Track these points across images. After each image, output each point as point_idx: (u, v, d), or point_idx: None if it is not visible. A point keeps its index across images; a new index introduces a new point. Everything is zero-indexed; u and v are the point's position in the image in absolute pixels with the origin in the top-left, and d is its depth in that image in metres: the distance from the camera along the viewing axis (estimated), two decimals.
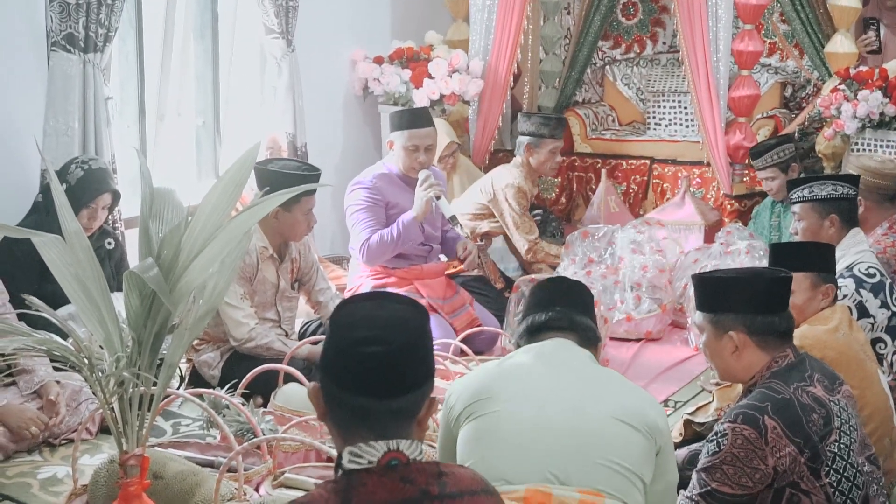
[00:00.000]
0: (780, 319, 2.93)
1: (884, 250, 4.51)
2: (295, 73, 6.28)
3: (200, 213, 2.76)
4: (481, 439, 2.67)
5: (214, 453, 3.51)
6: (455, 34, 7.32)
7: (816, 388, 2.84)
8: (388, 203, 5.14)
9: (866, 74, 6.08)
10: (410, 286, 5.20)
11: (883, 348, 4.08)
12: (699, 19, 6.44)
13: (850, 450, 2.80)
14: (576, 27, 8.01)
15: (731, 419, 2.75)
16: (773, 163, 5.83)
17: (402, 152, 5.12)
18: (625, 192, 7.38)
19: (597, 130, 7.74)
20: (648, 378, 5.00)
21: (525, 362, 2.81)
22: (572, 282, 3.17)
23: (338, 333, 1.91)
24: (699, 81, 6.52)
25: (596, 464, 2.60)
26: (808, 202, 4.25)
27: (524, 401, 2.69)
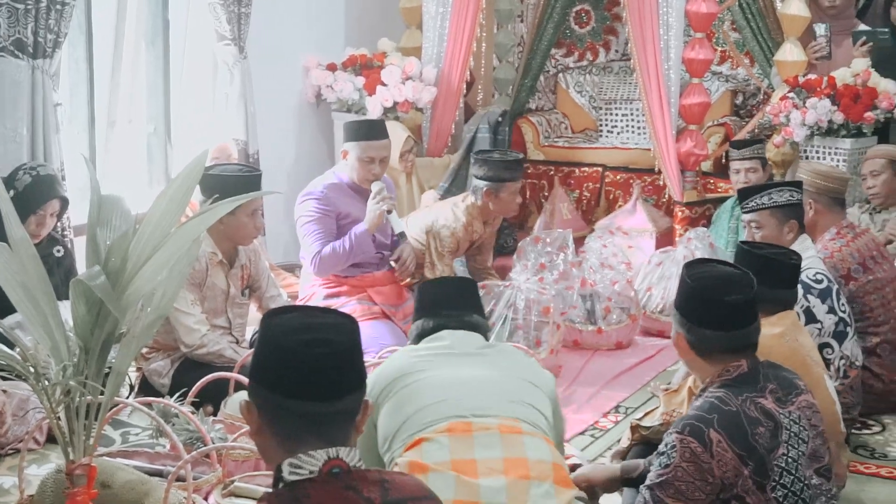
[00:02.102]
0: (728, 337, 2.83)
1: (831, 255, 4.56)
2: (247, 80, 6.26)
3: (149, 220, 2.74)
4: (404, 405, 2.88)
5: (163, 462, 3.48)
6: (408, 41, 7.33)
7: (767, 400, 2.80)
8: (339, 213, 5.12)
9: (815, 82, 6.16)
10: (363, 294, 5.19)
11: (830, 353, 4.12)
12: (650, 28, 6.49)
13: (797, 463, 2.78)
14: (529, 35, 8.05)
15: (679, 430, 2.74)
16: (758, 155, 5.92)
17: (356, 163, 5.10)
18: (577, 200, 7.42)
19: (550, 138, 7.77)
20: (599, 384, 5.02)
21: (433, 346, 3.06)
22: (458, 281, 3.45)
23: (277, 340, 1.90)
24: (650, 89, 6.57)
25: (510, 401, 2.89)
26: (767, 209, 4.27)
27: (439, 368, 2.96)
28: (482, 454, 2.76)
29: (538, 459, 2.79)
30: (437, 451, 2.75)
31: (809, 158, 6.16)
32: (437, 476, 2.69)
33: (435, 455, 2.75)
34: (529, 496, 2.72)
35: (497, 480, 2.72)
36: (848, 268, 4.55)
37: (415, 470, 2.71)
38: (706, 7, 6.46)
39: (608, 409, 4.72)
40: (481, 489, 2.71)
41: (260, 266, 4.78)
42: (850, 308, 4.28)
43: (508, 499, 2.71)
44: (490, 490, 2.70)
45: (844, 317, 4.16)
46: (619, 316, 5.57)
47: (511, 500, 2.71)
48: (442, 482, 2.67)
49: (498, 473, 2.73)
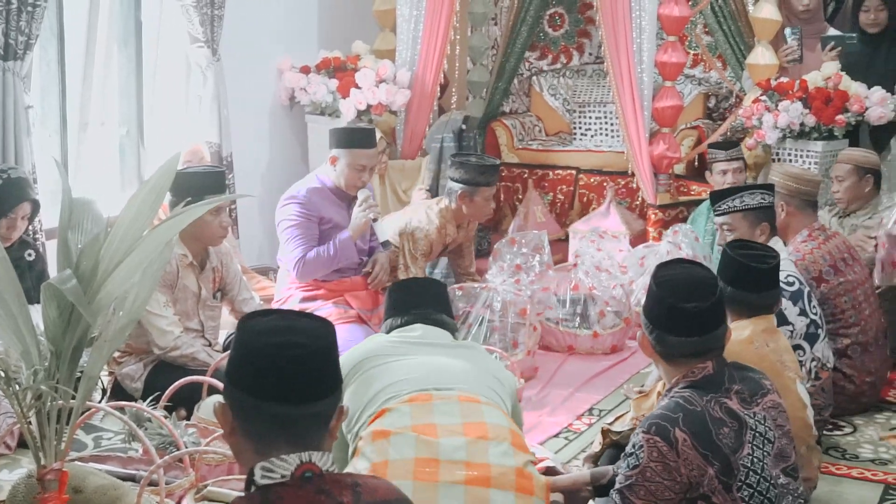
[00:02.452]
0: (691, 342, 2.83)
1: (803, 257, 4.59)
2: (220, 83, 6.24)
3: (120, 223, 2.73)
4: (372, 384, 2.99)
5: (136, 467, 3.47)
6: (382, 44, 7.33)
7: (732, 401, 2.82)
8: (321, 218, 5.11)
9: (787, 85, 6.19)
10: (339, 297, 5.19)
11: (802, 355, 4.15)
12: (623, 31, 6.51)
13: (763, 463, 2.79)
14: (503, 38, 8.06)
15: (645, 429, 2.76)
16: (740, 155, 5.95)
17: (347, 170, 5.09)
18: (551, 202, 7.44)
19: (524, 141, 7.79)
20: (573, 387, 5.04)
21: (405, 335, 3.19)
22: (427, 282, 3.55)
23: (252, 342, 1.91)
24: (623, 92, 6.59)
25: (471, 381, 3.02)
26: (739, 212, 4.31)
27: (407, 354, 3.08)
28: (442, 420, 2.88)
29: (496, 424, 2.91)
30: (398, 419, 2.87)
31: (782, 161, 6.19)
32: (399, 437, 2.81)
33: (397, 422, 2.86)
34: (489, 454, 2.82)
35: (457, 440, 2.83)
36: (819, 270, 4.58)
37: (378, 437, 2.82)
38: (679, 10, 6.49)
39: (582, 412, 4.73)
40: (441, 447, 2.81)
41: (231, 269, 4.77)
42: (821, 310, 4.31)
43: (468, 455, 2.80)
44: (450, 447, 2.81)
45: (816, 319, 4.19)
46: (613, 319, 5.59)
47: (470, 457, 2.80)
48: (403, 442, 2.79)
49: (458, 435, 2.84)
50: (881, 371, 4.80)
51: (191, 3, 6.00)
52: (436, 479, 2.77)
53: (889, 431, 4.24)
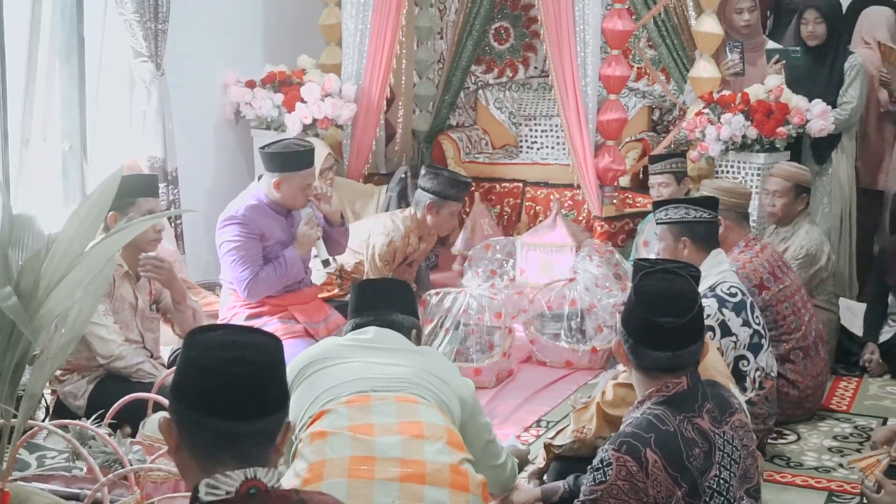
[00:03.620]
0: (668, 357, 2.78)
1: (743, 266, 4.65)
2: (165, 97, 6.19)
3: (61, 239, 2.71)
4: (315, 386, 3.05)
5: (80, 486, 3.43)
6: (328, 58, 7.32)
7: (704, 420, 2.78)
8: (262, 235, 5.08)
9: (729, 98, 6.26)
10: (285, 312, 5.16)
11: (746, 365, 4.21)
12: (567, 45, 6.55)
13: (729, 485, 2.76)
14: (449, 52, 8.09)
15: (616, 447, 2.71)
16: (670, 170, 5.91)
17: (296, 191, 5.05)
18: (498, 215, 7.46)
19: (470, 154, 7.81)
20: (522, 398, 5.05)
21: (356, 337, 3.25)
22: (391, 283, 3.62)
23: (199, 358, 1.89)
24: (568, 105, 6.63)
25: (412, 384, 3.07)
26: (664, 224, 4.38)
27: (354, 358, 3.14)
28: (379, 419, 2.93)
29: (432, 423, 2.96)
30: (336, 420, 2.93)
31: (725, 173, 6.25)
32: (335, 437, 2.86)
33: (335, 423, 2.92)
34: (424, 452, 2.87)
35: (392, 438, 2.88)
36: (761, 277, 4.66)
37: (316, 438, 2.87)
38: (622, 24, 6.55)
39: (529, 424, 4.75)
40: (377, 445, 2.86)
41: None
42: (763, 319, 4.37)
43: (402, 453, 2.85)
44: (385, 445, 2.86)
45: (759, 329, 4.25)
46: (608, 333, 5.61)
47: (405, 455, 2.85)
48: (340, 441, 2.85)
49: (393, 433, 2.90)
50: (822, 375, 4.88)
51: (134, 17, 5.96)
52: (371, 476, 2.80)
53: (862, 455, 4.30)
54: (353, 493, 2.76)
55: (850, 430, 4.74)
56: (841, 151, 6.34)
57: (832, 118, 6.13)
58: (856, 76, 6.31)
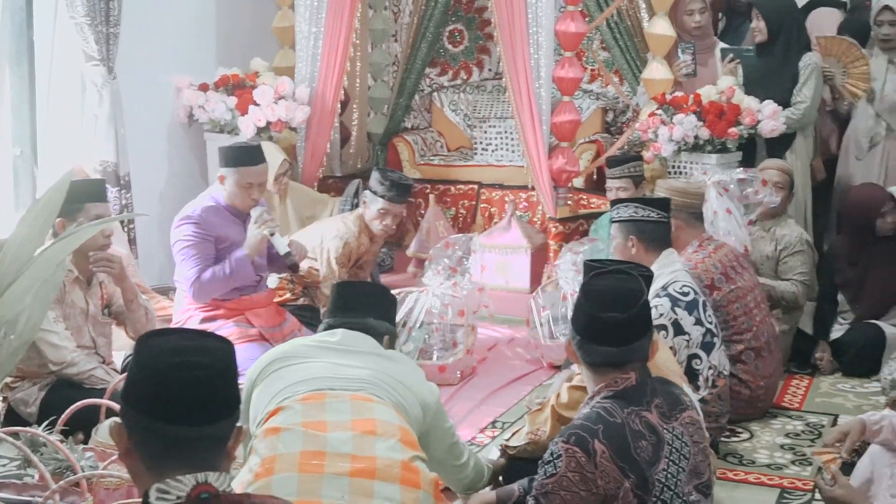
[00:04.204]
0: (619, 352, 2.83)
1: (695, 266, 4.68)
2: (116, 101, 6.15)
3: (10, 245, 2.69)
4: (275, 384, 3.06)
5: (32, 493, 3.39)
6: (282, 61, 7.31)
7: (652, 415, 2.82)
8: (217, 237, 5.05)
9: (681, 99, 6.31)
10: (240, 316, 5.14)
11: (698, 364, 4.24)
12: (521, 47, 6.58)
13: (677, 479, 2.79)
14: (403, 54, 8.10)
15: (565, 439, 2.75)
16: (628, 174, 5.91)
17: (235, 189, 5.04)
18: (454, 217, 7.48)
19: (425, 156, 7.83)
20: (477, 400, 5.06)
21: (323, 338, 3.26)
22: (369, 287, 3.65)
23: (150, 362, 1.89)
24: (522, 107, 6.66)
25: (371, 385, 3.06)
26: (615, 223, 4.41)
27: (318, 358, 3.14)
28: (332, 417, 2.94)
29: (385, 421, 2.97)
30: (290, 416, 2.94)
31: (678, 173, 6.31)
32: (288, 433, 2.88)
33: (288, 419, 2.93)
34: (375, 448, 2.88)
35: (344, 434, 2.89)
36: (712, 278, 4.69)
37: (269, 434, 2.88)
38: (575, 27, 6.58)
39: (485, 425, 4.76)
40: (328, 440, 2.87)
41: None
42: (715, 318, 4.40)
43: (354, 449, 2.87)
44: (336, 441, 2.87)
45: (711, 328, 4.28)
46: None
47: (356, 451, 2.86)
48: (291, 437, 2.86)
49: (346, 429, 2.91)
50: (775, 375, 4.92)
51: (85, 20, 5.92)
52: (321, 471, 2.81)
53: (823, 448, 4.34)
54: (303, 487, 2.77)
55: (802, 427, 4.78)
56: (795, 151, 6.41)
57: (783, 119, 6.20)
58: (810, 75, 6.37)
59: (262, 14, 7.50)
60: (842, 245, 5.73)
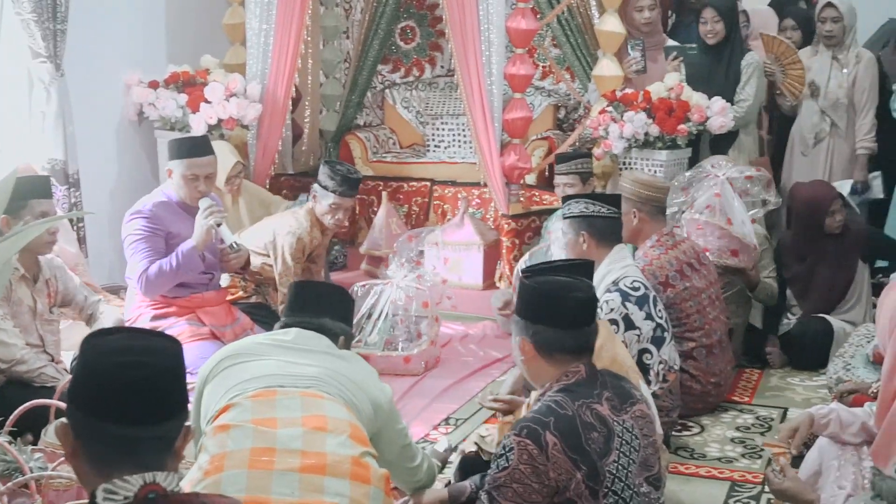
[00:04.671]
0: (572, 337, 2.90)
1: (650, 262, 4.72)
2: (65, 99, 6.09)
3: None
4: (227, 380, 3.04)
5: None
6: (232, 58, 7.27)
7: (603, 407, 2.85)
8: (168, 233, 5.02)
9: (631, 96, 6.35)
10: (192, 314, 5.11)
11: (649, 359, 4.27)
12: (472, 44, 6.59)
13: (628, 471, 2.82)
14: (355, 51, 8.10)
15: (517, 432, 2.77)
16: (576, 170, 5.86)
17: (181, 181, 5.01)
18: (407, 214, 7.48)
19: (378, 153, 7.82)
20: (431, 397, 5.07)
21: (276, 337, 3.23)
22: (329, 288, 3.57)
23: (96, 362, 1.87)
24: (474, 104, 6.67)
25: (322, 383, 3.05)
26: (567, 218, 4.43)
27: (270, 356, 3.12)
28: (282, 413, 2.93)
29: (336, 417, 2.97)
30: (240, 413, 2.92)
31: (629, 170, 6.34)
32: (238, 430, 2.86)
33: (238, 416, 2.91)
34: (326, 444, 2.87)
35: (294, 430, 2.88)
36: (666, 275, 4.72)
37: (219, 431, 2.87)
38: (526, 24, 6.60)
39: (438, 422, 4.77)
40: (278, 437, 2.86)
41: (68, 280, 4.65)
42: (667, 314, 4.43)
43: (304, 445, 2.85)
44: (286, 437, 2.86)
45: (661, 322, 4.31)
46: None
47: (306, 447, 2.85)
48: (241, 434, 2.85)
49: (296, 425, 2.90)
50: (725, 373, 4.96)
51: (32, 17, 5.85)
52: (271, 467, 2.80)
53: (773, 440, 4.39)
54: (253, 483, 2.76)
55: (752, 420, 4.83)
56: (738, 148, 6.47)
57: (731, 115, 6.26)
58: (752, 73, 6.44)
59: (213, 10, 7.46)
60: (790, 241, 5.79)
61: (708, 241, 5.33)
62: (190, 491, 2.25)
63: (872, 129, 6.58)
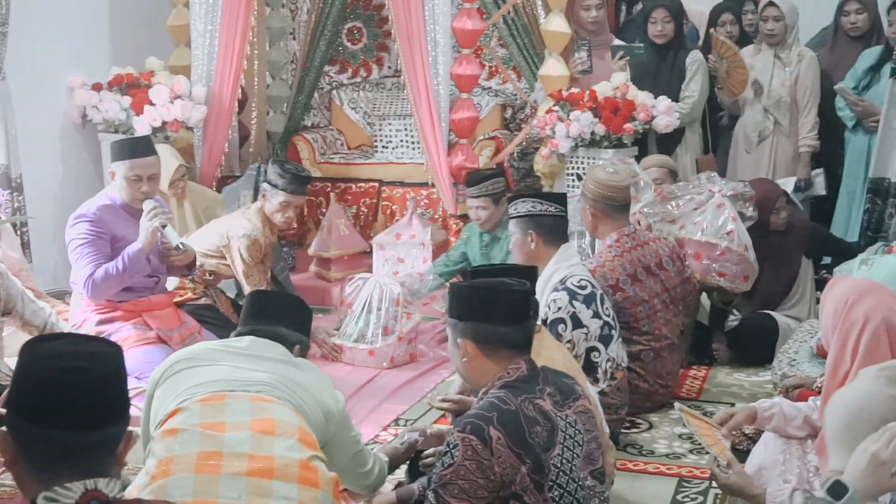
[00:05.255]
0: (512, 331, 2.94)
1: (602, 264, 4.73)
2: (6, 102, 6.02)
3: None
4: (177, 384, 3.05)
5: None
6: (177, 60, 7.22)
7: (545, 402, 2.87)
8: (113, 236, 4.96)
9: (577, 96, 6.37)
10: (138, 318, 5.06)
11: (597, 357, 4.29)
12: (419, 44, 6.59)
13: (572, 465, 2.85)
14: (302, 52, 8.06)
15: (461, 428, 2.78)
16: (487, 192, 5.82)
17: (124, 183, 4.96)
18: (355, 215, 7.46)
19: (326, 154, 7.80)
20: (381, 398, 5.07)
21: (230, 343, 3.25)
22: (285, 298, 3.60)
23: (34, 368, 1.86)
24: (421, 105, 6.67)
25: (272, 387, 3.05)
26: (514, 218, 4.44)
27: (222, 362, 3.13)
28: (231, 417, 2.93)
29: (284, 421, 2.97)
30: (188, 417, 2.93)
31: (575, 170, 6.37)
32: (185, 434, 2.86)
33: (186, 420, 2.92)
34: (274, 447, 2.87)
35: (241, 434, 2.88)
36: (617, 278, 4.73)
37: (167, 435, 2.86)
38: (472, 24, 6.62)
39: (388, 423, 4.76)
40: (225, 441, 2.86)
41: (9, 286, 4.59)
42: (614, 313, 4.46)
43: (251, 448, 2.85)
44: (234, 441, 2.86)
45: (609, 321, 4.34)
46: None
47: (254, 450, 2.85)
48: (188, 438, 2.84)
49: (244, 429, 2.90)
50: (673, 374, 5.00)
51: None
52: (218, 471, 2.79)
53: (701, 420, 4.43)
54: (200, 487, 2.75)
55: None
56: (684, 146, 6.53)
57: (677, 114, 6.31)
58: (696, 71, 6.51)
59: (157, 12, 7.41)
60: None
61: (725, 266, 5.28)
62: (136, 496, 2.24)
63: (815, 127, 6.68)
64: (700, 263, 5.27)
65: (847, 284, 3.32)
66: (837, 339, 3.22)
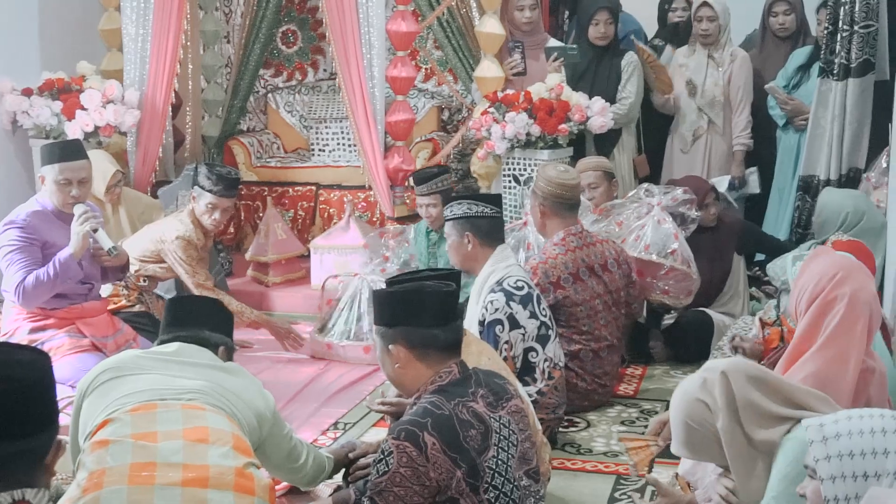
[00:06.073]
0: (442, 332, 2.95)
1: (545, 261, 4.74)
2: None
3: None
4: (106, 394, 3.02)
5: None
6: (109, 64, 7.15)
7: (478, 404, 2.89)
8: (44, 242, 4.89)
9: (513, 97, 6.39)
10: (72, 326, 5.00)
11: (535, 357, 4.30)
12: (353, 47, 6.58)
13: (507, 465, 2.87)
14: (236, 56, 8.01)
15: (395, 436, 2.79)
16: (437, 189, 5.89)
17: (53, 187, 4.90)
18: (292, 219, 7.43)
19: (262, 158, 7.76)
20: (320, 401, 5.05)
21: (159, 350, 3.25)
22: (204, 301, 3.62)
23: None
24: (357, 107, 6.66)
25: (204, 395, 3.06)
26: (450, 220, 4.45)
27: (151, 370, 3.12)
28: (163, 427, 2.92)
29: (218, 428, 2.97)
30: (119, 428, 2.90)
31: (512, 170, 6.39)
32: (117, 445, 2.84)
33: (117, 431, 2.89)
34: (208, 456, 2.87)
35: (175, 443, 2.87)
36: (559, 276, 4.75)
37: (97, 447, 2.84)
38: (406, 26, 6.61)
39: (327, 427, 4.75)
40: (159, 451, 2.84)
41: None
42: (551, 312, 4.47)
43: (185, 458, 2.84)
44: (167, 451, 2.85)
45: (546, 321, 4.35)
46: None
47: (188, 459, 2.84)
48: (120, 449, 2.82)
49: (177, 438, 2.89)
50: (612, 374, 5.01)
51: None
52: (152, 482, 2.78)
53: (629, 435, 4.45)
54: (134, 499, 2.73)
55: (637, 414, 4.90)
56: (621, 146, 6.57)
57: (611, 115, 6.35)
58: (632, 73, 6.56)
59: (88, 16, 7.33)
60: None
61: (669, 284, 5.33)
62: None
63: (748, 126, 6.76)
64: (644, 280, 5.30)
65: (836, 259, 3.40)
66: (818, 307, 3.27)
